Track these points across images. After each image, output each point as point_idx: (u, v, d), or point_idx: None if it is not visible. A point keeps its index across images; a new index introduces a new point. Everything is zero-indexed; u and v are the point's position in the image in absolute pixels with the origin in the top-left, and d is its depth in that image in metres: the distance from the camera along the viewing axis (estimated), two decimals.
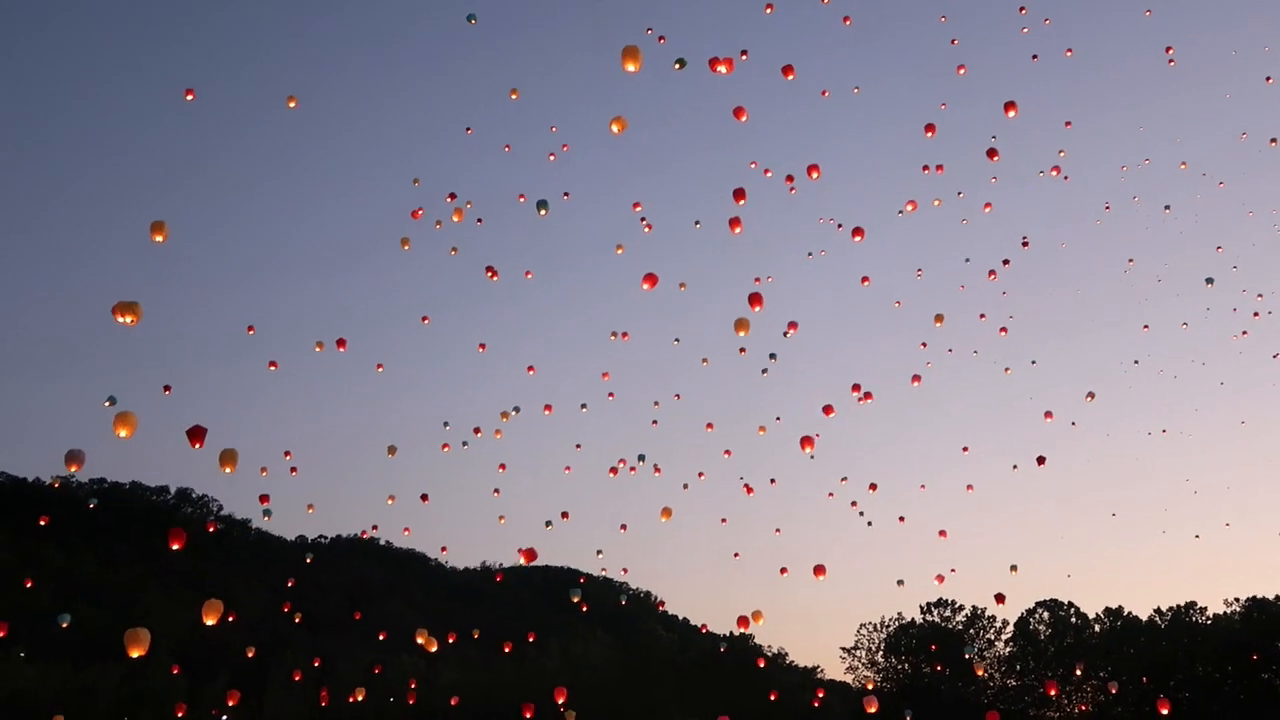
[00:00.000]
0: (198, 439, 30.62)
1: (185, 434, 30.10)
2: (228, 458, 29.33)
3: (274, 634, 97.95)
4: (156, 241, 30.80)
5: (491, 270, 51.13)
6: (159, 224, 29.86)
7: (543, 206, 46.39)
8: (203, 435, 30.58)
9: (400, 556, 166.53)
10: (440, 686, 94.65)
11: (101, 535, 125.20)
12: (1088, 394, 62.52)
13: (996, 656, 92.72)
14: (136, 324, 27.30)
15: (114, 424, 27.01)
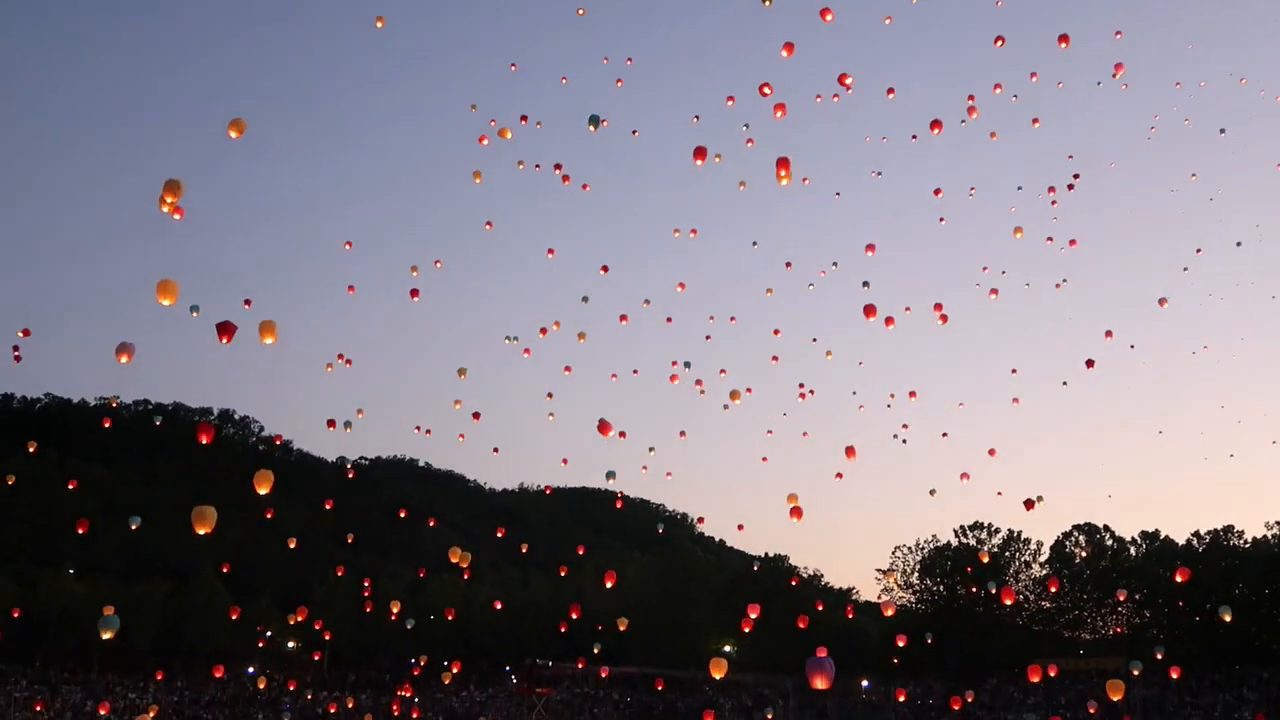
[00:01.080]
0: (227, 334, 31.11)
1: (215, 328, 30.52)
2: (267, 328, 29.77)
3: (316, 552, 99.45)
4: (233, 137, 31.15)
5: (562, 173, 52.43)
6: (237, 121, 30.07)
7: (594, 122, 47.65)
8: (232, 331, 31.05)
9: (440, 477, 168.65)
10: (479, 604, 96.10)
11: (146, 455, 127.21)
12: (1160, 299, 61.84)
13: (1032, 579, 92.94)
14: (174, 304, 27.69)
15: (157, 292, 27.04)
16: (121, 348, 33.75)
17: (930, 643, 73.98)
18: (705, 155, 40.31)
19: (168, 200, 27.26)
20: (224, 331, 31.08)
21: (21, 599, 76.83)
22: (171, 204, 27.35)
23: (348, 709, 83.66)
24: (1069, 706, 67.54)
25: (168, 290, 27.13)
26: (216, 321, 30.97)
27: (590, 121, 47.69)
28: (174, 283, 27.63)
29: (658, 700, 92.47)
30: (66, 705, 73.69)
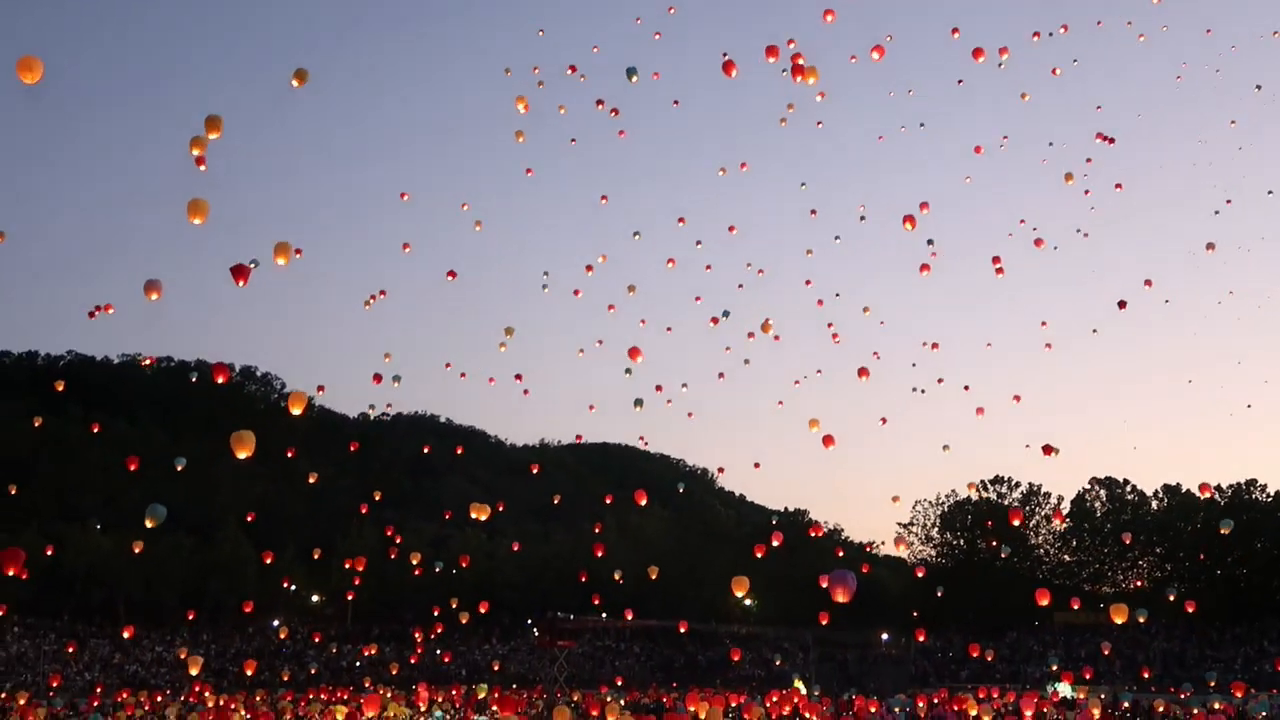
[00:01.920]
0: (242, 277, 31.35)
1: (229, 271, 30.68)
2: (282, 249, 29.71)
3: (338, 508, 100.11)
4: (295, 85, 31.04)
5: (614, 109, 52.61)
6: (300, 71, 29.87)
7: (632, 74, 48.06)
8: (247, 273, 31.34)
9: (461, 433, 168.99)
10: (501, 558, 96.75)
11: (168, 411, 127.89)
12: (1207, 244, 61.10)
13: (1052, 533, 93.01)
14: (204, 223, 27.45)
15: (188, 211, 26.95)
16: (150, 285, 34.10)
17: (940, 595, 74.16)
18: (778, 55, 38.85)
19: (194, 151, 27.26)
20: (239, 274, 31.37)
21: (48, 555, 77.63)
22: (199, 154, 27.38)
23: (371, 660, 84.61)
24: (1089, 659, 67.68)
25: (198, 209, 26.98)
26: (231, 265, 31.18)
27: (629, 73, 48.22)
28: (205, 201, 27.50)
29: (678, 653, 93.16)
30: (95, 658, 74.68)
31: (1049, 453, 53.96)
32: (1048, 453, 53.96)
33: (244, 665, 65.89)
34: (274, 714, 45.34)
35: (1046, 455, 54.23)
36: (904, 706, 46.04)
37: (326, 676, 78.18)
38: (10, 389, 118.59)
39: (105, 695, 62.09)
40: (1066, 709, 44.27)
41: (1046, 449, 54.07)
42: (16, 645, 73.22)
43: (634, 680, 79.13)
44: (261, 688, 70.23)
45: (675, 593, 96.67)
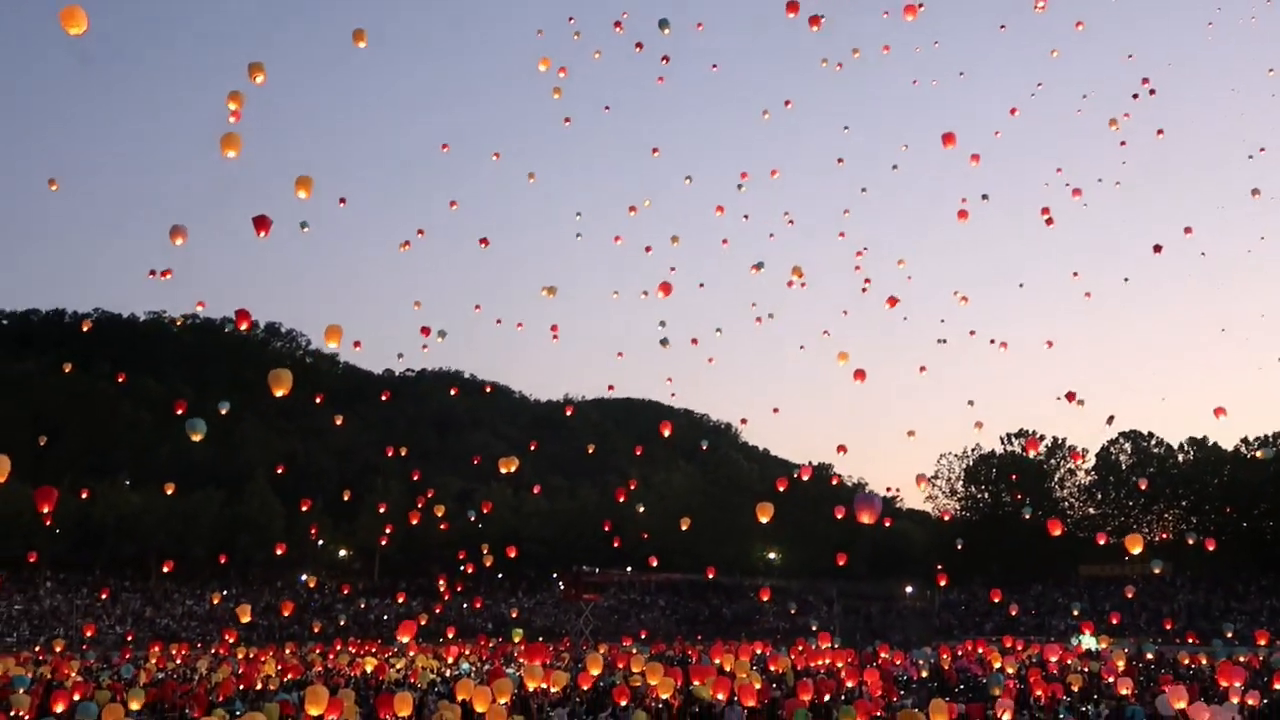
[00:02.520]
0: (264, 228, 31.45)
1: (251, 221, 30.80)
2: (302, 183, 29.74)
3: (364, 462, 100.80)
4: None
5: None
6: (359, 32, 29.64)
7: (665, 25, 47.84)
8: (269, 225, 31.42)
9: (485, 388, 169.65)
10: (526, 513, 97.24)
11: (195, 367, 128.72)
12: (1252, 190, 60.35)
13: (1077, 485, 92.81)
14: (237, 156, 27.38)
15: (221, 144, 26.93)
16: (175, 230, 34.32)
17: (961, 548, 74.23)
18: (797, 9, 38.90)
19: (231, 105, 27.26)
20: (260, 225, 31.49)
21: (80, 510, 78.46)
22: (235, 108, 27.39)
23: (398, 613, 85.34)
24: (1114, 610, 67.65)
25: (232, 143, 26.93)
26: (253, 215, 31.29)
27: (661, 25, 47.97)
28: (238, 136, 27.50)
29: (703, 606, 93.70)
30: (127, 611, 75.63)
31: (1071, 399, 53.70)
32: (1070, 399, 53.69)
33: (281, 606, 66.59)
34: (303, 665, 45.87)
35: (1070, 402, 53.98)
36: (928, 658, 46.20)
37: (355, 629, 78.93)
38: (39, 346, 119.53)
39: (136, 648, 62.97)
40: (1090, 660, 44.30)
41: (1070, 396, 53.83)
42: (50, 599, 74.20)
43: (659, 633, 79.63)
44: (291, 640, 71.01)
45: (700, 547, 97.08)
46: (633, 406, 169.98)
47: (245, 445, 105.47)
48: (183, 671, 43.49)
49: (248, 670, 40.33)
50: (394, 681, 36.37)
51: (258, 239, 31.69)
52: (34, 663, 48.00)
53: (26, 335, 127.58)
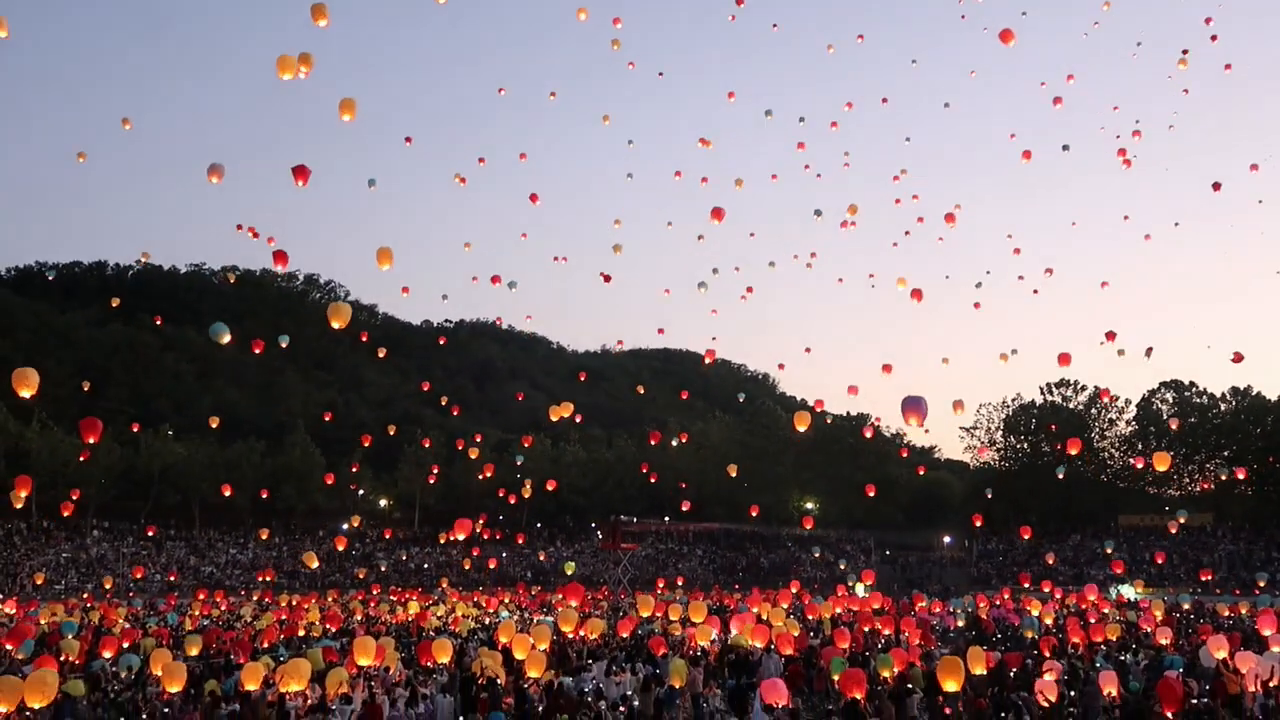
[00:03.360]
0: (302, 177, 31.90)
1: (290, 171, 31.18)
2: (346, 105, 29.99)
3: (404, 413, 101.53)
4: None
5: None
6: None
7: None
8: (307, 174, 31.88)
9: (523, 340, 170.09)
10: (564, 464, 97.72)
11: (236, 319, 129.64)
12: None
13: (1117, 436, 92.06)
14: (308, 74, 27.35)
15: (277, 67, 26.86)
16: (213, 168, 34.71)
17: (991, 497, 73.98)
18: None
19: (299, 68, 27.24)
20: (299, 174, 31.95)
21: (125, 459, 79.50)
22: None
23: (439, 562, 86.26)
24: (1152, 561, 67.44)
25: (289, 65, 26.88)
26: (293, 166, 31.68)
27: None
28: (291, 58, 27.53)
29: (740, 556, 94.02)
30: (172, 559, 76.76)
31: (1111, 339, 53.32)
32: (1110, 339, 53.31)
33: (334, 541, 67.40)
34: (345, 613, 46.45)
35: (1109, 340, 53.63)
36: (965, 607, 46.25)
37: (396, 578, 79.81)
38: (83, 298, 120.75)
39: (181, 595, 63.99)
40: (1129, 610, 44.23)
41: (1110, 335, 53.45)
42: (96, 548, 75.37)
43: (696, 582, 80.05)
44: (333, 588, 71.91)
45: (737, 496, 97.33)
46: (670, 357, 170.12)
47: (286, 396, 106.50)
48: (227, 618, 44.15)
49: (291, 617, 40.92)
50: (434, 629, 36.77)
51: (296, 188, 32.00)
52: (82, 609, 48.84)
53: (70, 287, 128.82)
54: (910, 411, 26.53)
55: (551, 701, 20.36)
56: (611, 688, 22.64)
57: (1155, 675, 23.67)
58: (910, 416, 26.46)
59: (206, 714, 19.56)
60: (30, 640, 29.39)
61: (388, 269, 32.19)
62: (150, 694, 22.73)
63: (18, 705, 17.61)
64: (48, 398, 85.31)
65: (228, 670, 24.35)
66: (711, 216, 50.25)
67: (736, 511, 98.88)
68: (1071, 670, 24.93)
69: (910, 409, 26.60)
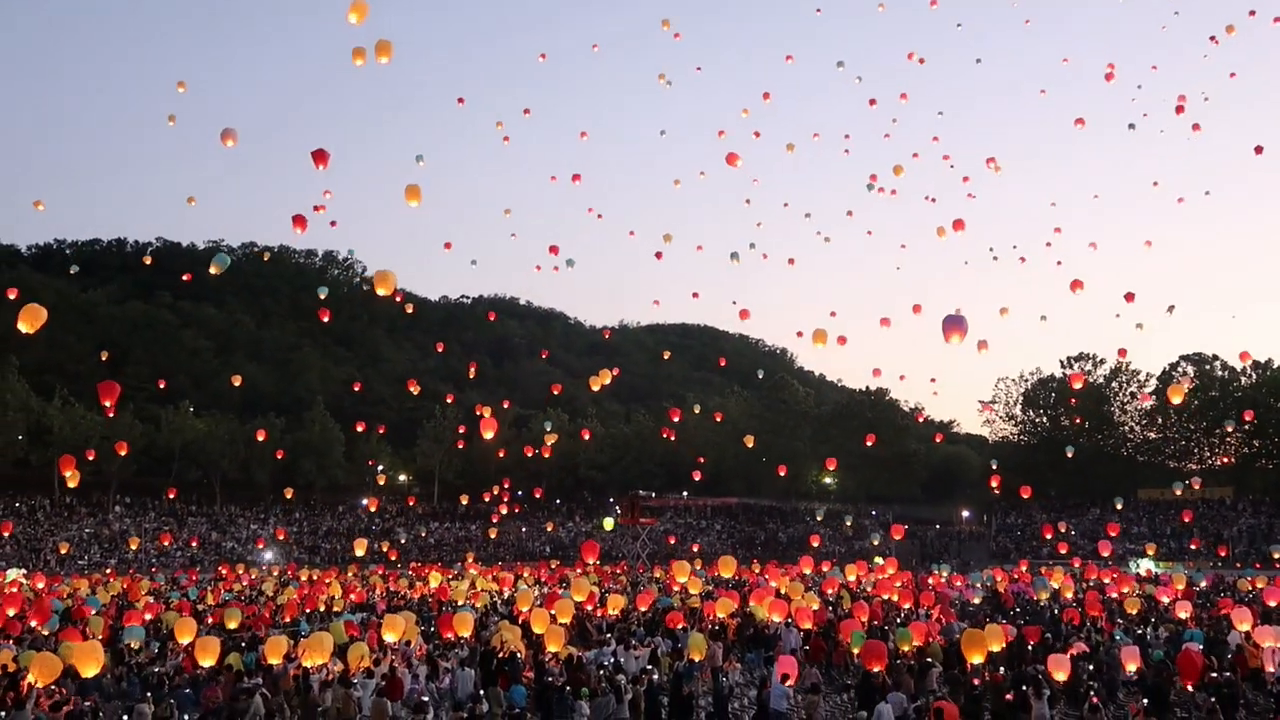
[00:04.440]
0: (321, 161, 32.31)
1: (310, 155, 31.62)
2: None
3: (423, 388, 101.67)
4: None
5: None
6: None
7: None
8: (326, 158, 32.31)
9: (540, 315, 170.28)
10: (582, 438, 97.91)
11: (254, 296, 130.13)
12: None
13: (1137, 409, 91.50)
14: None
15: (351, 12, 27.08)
16: (225, 133, 35.10)
17: (1017, 472, 73.71)
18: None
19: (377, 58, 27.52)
20: (319, 158, 32.33)
21: (146, 435, 79.90)
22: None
23: (457, 536, 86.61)
24: (1174, 535, 67.29)
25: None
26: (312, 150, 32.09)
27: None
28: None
29: (759, 530, 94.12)
30: (193, 535, 77.23)
31: (1130, 300, 53.03)
32: (1129, 300, 53.00)
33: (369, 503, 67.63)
34: (365, 588, 46.71)
35: (1128, 303, 53.35)
36: (984, 581, 46.26)
37: (415, 553, 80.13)
38: (103, 275, 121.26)
39: (203, 570, 64.43)
40: (1148, 584, 44.18)
41: (1129, 297, 53.18)
42: (119, 523, 75.85)
43: (715, 557, 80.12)
44: (352, 562, 72.29)
45: (756, 471, 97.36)
46: (688, 332, 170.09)
47: (304, 373, 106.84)
48: (249, 593, 44.43)
49: (312, 592, 41.20)
50: (454, 603, 36.97)
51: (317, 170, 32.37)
52: (105, 585, 49.18)
53: (91, 265, 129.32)
54: (951, 328, 26.47)
55: (571, 675, 20.49)
56: (630, 661, 22.74)
57: (1175, 649, 23.67)
58: (951, 333, 26.39)
59: (229, 688, 19.72)
60: (55, 615, 29.67)
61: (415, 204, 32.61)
62: (171, 667, 22.96)
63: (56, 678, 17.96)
64: (69, 374, 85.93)
65: (250, 645, 24.53)
66: (727, 161, 50.19)
67: (755, 486, 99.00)
68: (1091, 644, 24.97)
69: (952, 326, 26.54)
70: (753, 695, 21.07)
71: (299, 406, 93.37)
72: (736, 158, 50.62)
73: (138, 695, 19.95)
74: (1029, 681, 19.21)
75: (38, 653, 19.74)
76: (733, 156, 50.62)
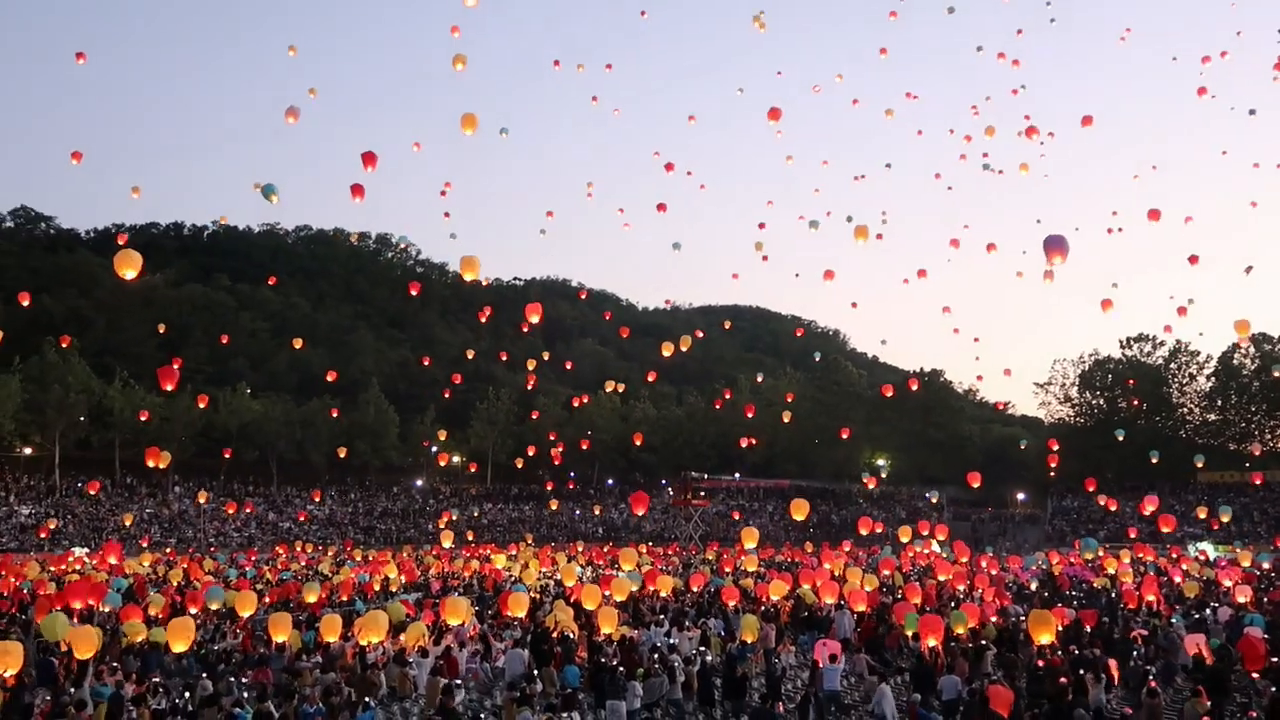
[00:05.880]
0: (371, 163, 33.10)
1: (360, 157, 32.42)
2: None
3: (475, 370, 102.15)
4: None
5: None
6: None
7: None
8: (374, 160, 33.09)
9: (592, 297, 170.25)
10: (635, 420, 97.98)
11: (310, 279, 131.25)
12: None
13: (1197, 391, 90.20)
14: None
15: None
16: (289, 110, 35.62)
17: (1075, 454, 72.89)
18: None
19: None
20: (368, 161, 33.07)
21: (203, 417, 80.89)
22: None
23: (511, 518, 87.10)
24: (1236, 519, 66.29)
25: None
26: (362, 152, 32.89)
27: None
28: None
29: (811, 512, 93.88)
30: (251, 515, 78.19)
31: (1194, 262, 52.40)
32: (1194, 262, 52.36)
33: (389, 523, 68.16)
34: (420, 568, 47.07)
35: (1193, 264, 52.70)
36: (1039, 564, 45.88)
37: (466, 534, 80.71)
38: (161, 258, 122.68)
39: (261, 550, 65.24)
40: (1207, 568, 43.62)
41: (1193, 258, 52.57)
42: (178, 504, 76.92)
43: (767, 539, 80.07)
44: (407, 543, 72.90)
45: (808, 453, 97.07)
46: (739, 313, 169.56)
47: (359, 354, 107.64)
48: (306, 573, 44.89)
49: (368, 572, 41.61)
50: (509, 583, 37.18)
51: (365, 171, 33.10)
52: (166, 564, 49.90)
53: (148, 248, 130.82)
54: (1054, 249, 26.33)
55: (625, 656, 20.54)
56: (684, 643, 22.76)
57: (1235, 633, 23.32)
58: (1054, 255, 26.26)
59: (289, 665, 19.97)
60: (117, 594, 30.13)
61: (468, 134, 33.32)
62: (229, 647, 23.30)
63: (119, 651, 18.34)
64: (128, 356, 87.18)
65: (308, 623, 24.79)
66: (769, 116, 49.99)
67: (808, 468, 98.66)
68: (1149, 628, 24.69)
69: (1054, 246, 26.41)
70: (805, 678, 21.01)
71: (354, 388, 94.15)
72: (779, 112, 50.33)
73: (194, 673, 20.29)
74: (1086, 665, 19.03)
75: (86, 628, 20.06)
76: (775, 111, 50.30)
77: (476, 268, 30.14)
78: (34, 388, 74.68)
